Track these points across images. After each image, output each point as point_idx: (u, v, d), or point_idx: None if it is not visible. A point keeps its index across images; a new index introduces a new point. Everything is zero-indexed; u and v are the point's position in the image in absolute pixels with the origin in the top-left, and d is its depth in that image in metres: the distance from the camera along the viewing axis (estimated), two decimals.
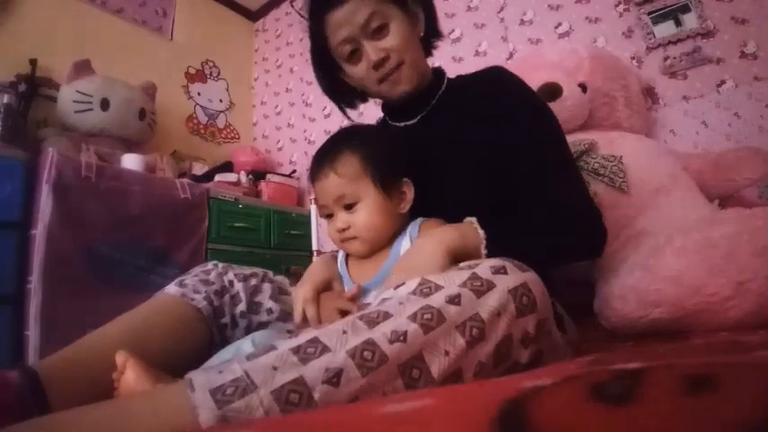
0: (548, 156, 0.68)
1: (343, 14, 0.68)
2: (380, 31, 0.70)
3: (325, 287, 0.68)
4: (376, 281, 0.64)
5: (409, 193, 0.68)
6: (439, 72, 0.82)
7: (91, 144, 1.66)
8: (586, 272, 0.91)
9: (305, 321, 0.63)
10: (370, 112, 0.92)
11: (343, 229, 0.65)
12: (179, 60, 2.45)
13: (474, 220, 0.60)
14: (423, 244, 0.57)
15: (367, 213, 0.65)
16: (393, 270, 0.57)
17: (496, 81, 0.74)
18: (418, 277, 0.45)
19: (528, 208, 0.65)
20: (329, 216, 0.68)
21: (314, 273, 0.69)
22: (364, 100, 0.85)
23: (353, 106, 0.86)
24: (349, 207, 0.65)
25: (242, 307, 0.71)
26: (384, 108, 0.87)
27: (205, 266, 0.73)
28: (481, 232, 0.58)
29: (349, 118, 0.87)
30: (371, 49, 0.70)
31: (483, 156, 0.70)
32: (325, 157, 0.67)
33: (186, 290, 0.66)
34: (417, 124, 0.79)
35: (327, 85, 0.81)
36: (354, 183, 0.65)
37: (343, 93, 0.83)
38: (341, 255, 0.73)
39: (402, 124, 0.81)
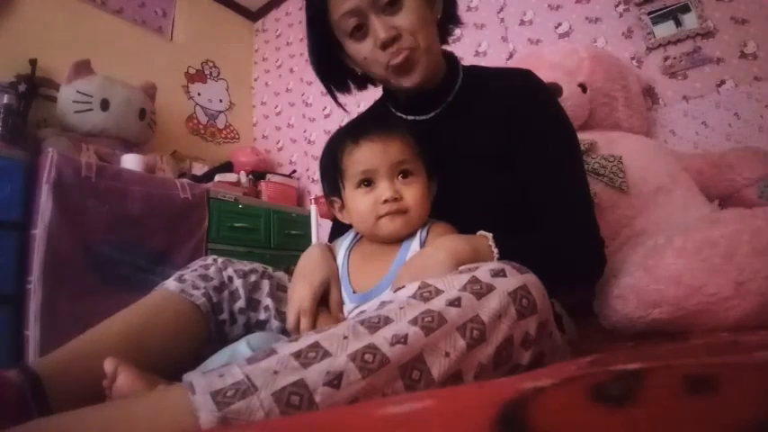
0: (564, 175, 0.66)
1: None
2: (393, 5, 0.61)
3: (324, 291, 0.63)
4: (380, 288, 0.60)
5: (434, 188, 0.67)
6: (452, 60, 0.74)
7: (91, 144, 1.66)
8: None
9: (298, 329, 0.60)
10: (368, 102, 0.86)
11: (394, 199, 0.60)
12: (179, 60, 2.45)
13: (490, 236, 0.57)
14: (433, 253, 0.54)
15: (421, 187, 0.62)
16: (398, 275, 0.55)
17: (523, 89, 0.69)
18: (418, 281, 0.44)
19: (539, 224, 0.64)
20: (366, 184, 0.61)
21: (313, 271, 0.64)
22: (363, 86, 0.76)
23: (346, 90, 0.77)
24: (405, 176, 0.61)
25: (241, 303, 0.69)
26: (388, 97, 0.79)
27: (205, 261, 0.72)
28: (495, 251, 0.55)
29: (339, 104, 0.78)
30: (380, 25, 0.61)
31: (498, 162, 0.67)
32: (381, 125, 0.63)
33: (185, 285, 0.65)
34: (430, 122, 0.73)
35: (320, 63, 0.73)
36: (416, 155, 0.62)
37: (337, 74, 0.74)
38: (342, 254, 0.68)
39: (411, 118, 0.74)
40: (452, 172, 0.68)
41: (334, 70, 0.74)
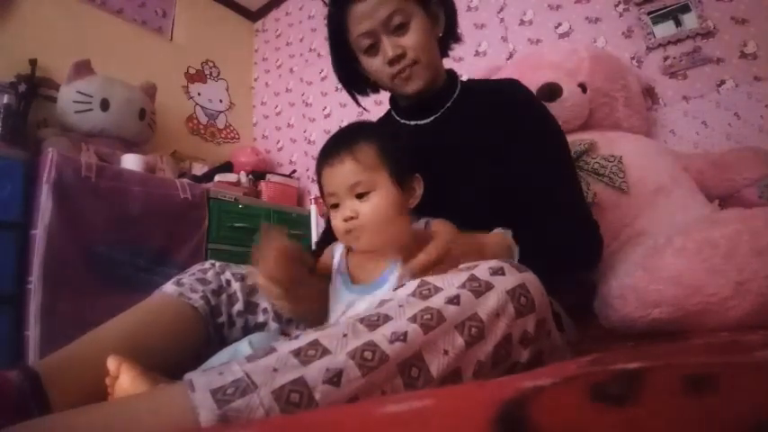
0: (555, 170, 0.73)
1: (367, 8, 0.70)
2: (401, 28, 0.72)
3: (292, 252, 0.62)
4: (380, 281, 0.61)
5: (419, 189, 0.67)
6: (452, 74, 0.84)
7: (91, 144, 1.66)
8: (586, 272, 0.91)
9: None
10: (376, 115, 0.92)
11: (351, 218, 0.62)
12: (179, 60, 2.45)
13: (509, 232, 0.61)
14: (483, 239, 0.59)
15: (378, 203, 0.62)
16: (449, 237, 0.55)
17: (511, 94, 0.78)
18: (417, 279, 0.45)
19: (536, 219, 0.68)
20: (335, 206, 0.65)
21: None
22: (376, 90, 0.87)
23: (365, 93, 0.88)
24: (360, 196, 0.62)
25: (239, 306, 0.70)
26: (394, 105, 0.88)
27: (202, 265, 0.73)
28: (516, 248, 0.59)
29: (359, 104, 0.90)
30: (390, 45, 0.71)
31: (492, 163, 0.72)
32: (341, 144, 0.65)
33: (183, 289, 0.66)
34: (430, 125, 0.80)
35: (342, 72, 0.84)
36: (371, 171, 0.63)
37: (356, 80, 0.86)
38: (338, 252, 0.70)
39: (413, 123, 0.83)
40: (447, 171, 0.72)
41: (354, 78, 0.85)
